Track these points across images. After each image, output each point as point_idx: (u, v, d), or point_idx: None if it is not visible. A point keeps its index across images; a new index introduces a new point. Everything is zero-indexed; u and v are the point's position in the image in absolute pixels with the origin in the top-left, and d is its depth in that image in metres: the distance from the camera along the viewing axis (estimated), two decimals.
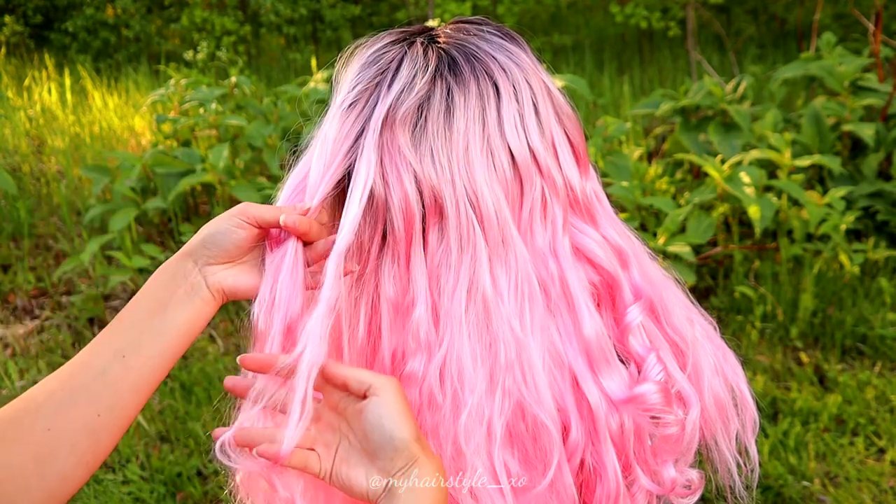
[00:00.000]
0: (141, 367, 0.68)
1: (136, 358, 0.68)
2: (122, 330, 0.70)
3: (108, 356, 0.68)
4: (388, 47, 0.76)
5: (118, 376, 0.67)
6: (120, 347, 0.69)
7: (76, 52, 8.27)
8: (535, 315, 0.73)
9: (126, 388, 0.68)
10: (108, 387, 0.67)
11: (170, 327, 0.70)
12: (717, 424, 0.83)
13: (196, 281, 0.72)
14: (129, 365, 0.68)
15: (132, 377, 0.68)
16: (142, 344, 0.69)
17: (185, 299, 0.71)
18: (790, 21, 7.82)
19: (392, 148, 0.71)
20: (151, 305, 0.71)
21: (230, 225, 0.72)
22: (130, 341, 0.69)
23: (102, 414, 0.66)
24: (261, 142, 3.84)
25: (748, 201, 3.02)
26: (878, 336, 2.92)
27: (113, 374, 0.67)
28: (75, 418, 0.65)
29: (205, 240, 0.73)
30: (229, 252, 0.73)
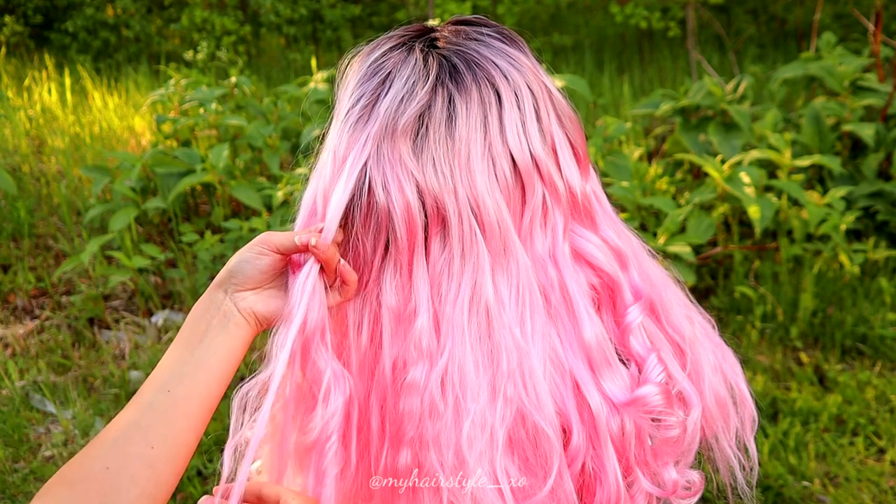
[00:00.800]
0: (187, 396, 0.71)
1: (180, 388, 0.71)
2: (166, 366, 0.73)
3: (155, 391, 0.71)
4: (387, 55, 0.76)
5: (166, 407, 0.70)
6: (164, 382, 0.72)
7: (76, 52, 8.26)
8: (536, 322, 0.73)
9: (176, 417, 0.70)
10: (157, 417, 0.70)
11: (208, 354, 0.73)
12: (718, 423, 0.83)
13: (228, 308, 0.75)
14: (174, 395, 0.71)
15: (180, 406, 0.71)
16: (184, 374, 0.72)
17: (219, 328, 0.74)
18: (790, 21, 7.82)
19: (393, 157, 0.71)
20: (189, 340, 0.74)
21: (253, 254, 0.76)
22: (173, 374, 0.72)
23: (156, 445, 0.69)
24: (261, 142, 3.84)
25: (748, 201, 3.02)
26: (878, 336, 2.92)
27: (160, 406, 0.70)
28: (130, 453, 0.68)
29: (231, 270, 0.76)
30: (255, 279, 0.75)
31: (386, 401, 0.73)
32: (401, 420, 0.72)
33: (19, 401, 2.76)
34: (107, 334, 3.21)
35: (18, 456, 2.54)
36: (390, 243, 0.72)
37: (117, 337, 3.18)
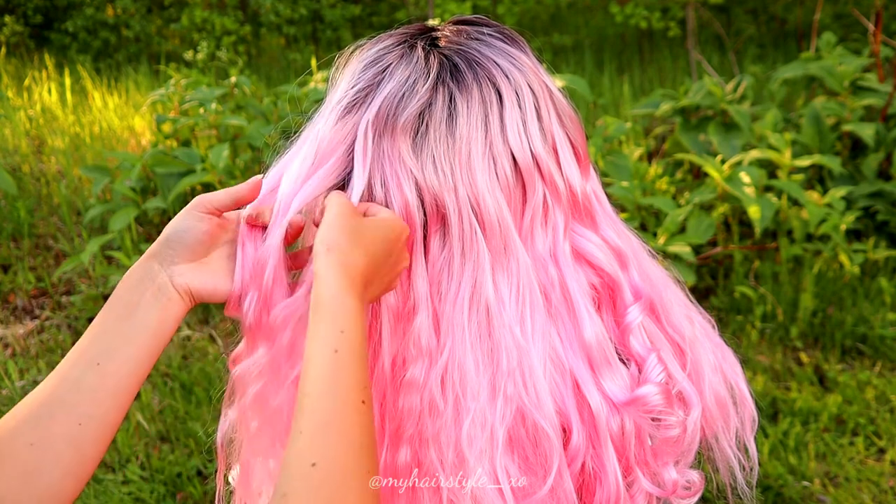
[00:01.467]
0: (117, 373, 0.68)
1: (110, 364, 0.68)
2: (94, 338, 0.69)
3: (83, 365, 0.67)
4: (388, 50, 0.75)
5: (94, 384, 0.67)
6: (93, 356, 0.68)
7: (76, 52, 8.27)
8: (537, 321, 0.73)
9: (104, 395, 0.67)
10: (85, 395, 0.66)
11: (140, 330, 0.70)
12: (718, 423, 0.83)
13: (162, 282, 0.71)
14: (104, 371, 0.67)
15: (109, 383, 0.67)
16: (114, 349, 0.68)
17: (152, 301, 0.71)
18: (790, 21, 7.82)
19: (392, 155, 0.71)
20: (120, 311, 0.70)
21: (190, 220, 0.72)
22: (103, 348, 0.68)
23: (83, 423, 0.65)
24: (261, 142, 3.84)
25: (748, 201, 3.02)
26: (878, 336, 2.92)
27: (88, 383, 0.67)
28: (55, 431, 0.64)
29: (168, 239, 0.72)
30: (193, 249, 0.72)
31: (385, 398, 0.73)
32: (400, 418, 0.72)
33: (19, 401, 2.76)
34: None
35: None
36: None
37: None
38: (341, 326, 0.62)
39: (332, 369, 0.60)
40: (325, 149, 0.73)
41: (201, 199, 0.74)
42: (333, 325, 0.62)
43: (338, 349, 0.61)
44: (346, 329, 0.62)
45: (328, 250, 0.65)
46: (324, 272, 0.64)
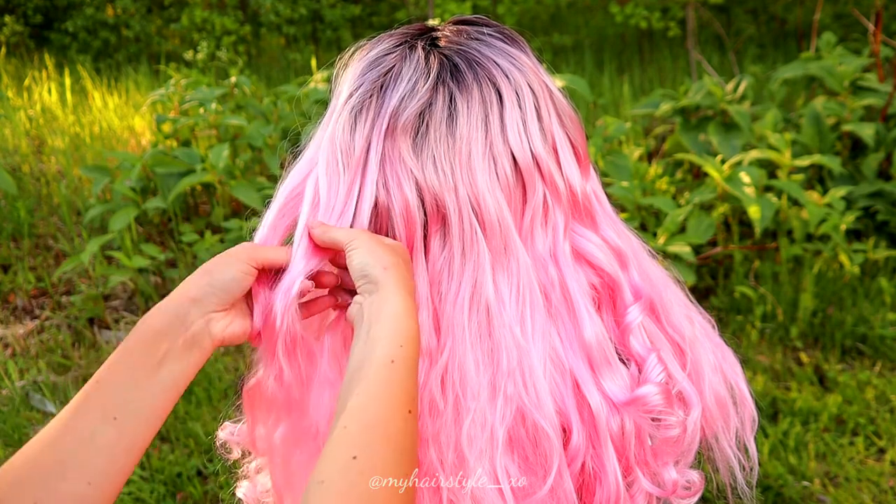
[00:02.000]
0: (135, 428, 0.63)
1: (129, 419, 0.63)
2: (112, 388, 0.64)
3: (97, 419, 0.62)
4: (389, 51, 0.75)
5: (110, 440, 0.62)
6: (110, 409, 0.63)
7: (76, 52, 8.27)
8: (537, 321, 0.73)
9: (119, 451, 0.62)
10: (100, 452, 0.61)
11: (167, 384, 0.65)
12: (718, 423, 0.83)
13: (198, 330, 0.68)
14: (121, 427, 0.62)
15: (126, 440, 0.62)
16: (135, 403, 0.64)
17: (184, 352, 0.67)
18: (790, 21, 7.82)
19: (393, 155, 0.71)
20: (144, 360, 0.65)
21: (239, 272, 0.70)
22: (122, 401, 0.63)
23: (93, 482, 0.61)
24: (261, 142, 3.84)
25: (748, 201, 3.02)
26: (878, 336, 2.92)
27: (104, 439, 0.62)
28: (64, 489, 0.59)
29: (214, 286, 0.69)
30: (234, 298, 0.70)
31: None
32: None
33: (19, 401, 2.76)
34: (107, 334, 3.21)
35: None
36: None
37: (117, 337, 3.18)
38: (401, 341, 0.64)
39: (386, 377, 0.62)
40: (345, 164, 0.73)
41: (254, 254, 0.71)
42: (394, 338, 0.64)
43: (395, 360, 0.63)
44: (404, 344, 0.64)
45: (385, 269, 0.67)
46: (388, 289, 0.66)
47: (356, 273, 0.68)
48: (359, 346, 0.65)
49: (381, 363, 0.63)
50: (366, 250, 0.68)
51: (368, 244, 0.69)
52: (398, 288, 0.67)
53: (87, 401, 0.63)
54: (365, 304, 0.67)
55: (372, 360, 0.63)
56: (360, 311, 0.67)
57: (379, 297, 0.66)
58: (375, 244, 0.69)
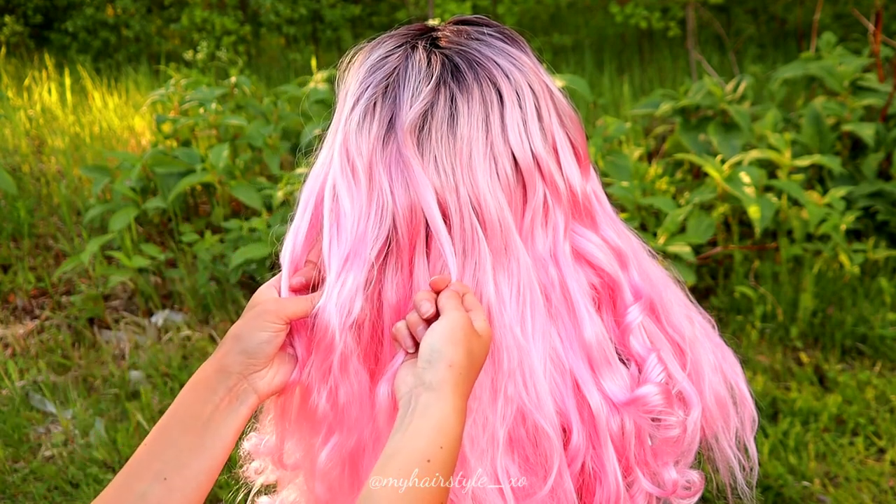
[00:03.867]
0: (184, 487, 0.66)
1: (177, 479, 0.65)
2: (160, 450, 0.66)
3: (149, 479, 0.65)
4: (390, 52, 0.75)
5: (160, 498, 0.64)
6: (160, 469, 0.65)
7: (76, 52, 8.26)
8: (537, 321, 0.73)
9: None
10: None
11: (214, 442, 0.68)
12: (718, 423, 0.83)
13: (243, 390, 0.70)
14: (171, 486, 0.65)
15: (176, 498, 0.65)
16: (184, 463, 0.66)
17: (229, 411, 0.69)
18: (790, 21, 7.82)
19: (398, 156, 0.71)
20: (190, 421, 0.68)
21: (269, 333, 0.71)
22: (170, 461, 0.66)
23: None
24: (261, 142, 3.84)
25: (748, 201, 3.02)
26: (878, 336, 2.92)
27: (154, 497, 0.64)
28: None
29: (247, 351, 0.70)
30: (271, 356, 0.72)
31: None
32: None
33: (19, 401, 2.76)
34: (107, 334, 3.21)
35: (18, 456, 2.54)
36: (391, 240, 0.72)
37: (117, 337, 3.18)
38: (441, 443, 0.63)
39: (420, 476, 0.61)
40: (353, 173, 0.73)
41: (280, 311, 0.72)
42: (436, 439, 0.63)
43: (431, 460, 0.62)
44: (445, 446, 0.63)
45: (449, 367, 0.65)
46: (445, 390, 0.65)
47: (422, 350, 0.67)
48: (398, 435, 0.64)
49: (417, 459, 0.62)
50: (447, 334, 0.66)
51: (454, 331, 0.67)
52: (454, 392, 0.65)
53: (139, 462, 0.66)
54: (415, 392, 0.66)
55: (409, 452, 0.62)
56: (409, 397, 0.66)
57: (431, 395, 0.65)
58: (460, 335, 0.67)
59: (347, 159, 0.73)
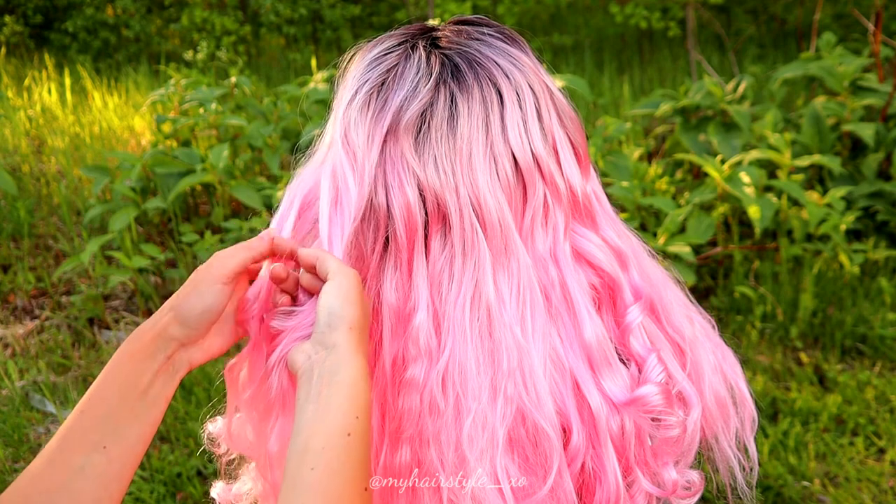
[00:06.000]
0: (123, 455, 0.65)
1: (116, 448, 0.65)
2: (98, 419, 0.65)
3: (87, 449, 0.64)
4: (390, 50, 0.76)
5: (101, 469, 0.63)
6: (99, 439, 0.64)
7: (76, 52, 8.26)
8: (537, 321, 0.73)
9: (110, 478, 0.64)
10: (91, 482, 0.63)
11: (151, 409, 0.67)
12: (718, 423, 0.83)
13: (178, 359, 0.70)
14: (110, 455, 0.64)
15: (115, 467, 0.64)
16: (122, 431, 0.65)
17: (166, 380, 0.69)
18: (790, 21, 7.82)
19: (395, 154, 0.71)
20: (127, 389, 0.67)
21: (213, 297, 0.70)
22: (109, 430, 0.65)
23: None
24: (261, 142, 3.84)
25: (748, 201, 3.02)
26: (878, 336, 2.92)
27: (94, 469, 0.63)
28: None
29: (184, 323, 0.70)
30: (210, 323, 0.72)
31: (385, 398, 0.73)
32: (400, 417, 0.72)
33: (19, 401, 2.76)
34: (107, 334, 3.21)
35: (18, 456, 2.54)
36: (390, 240, 0.73)
37: (117, 337, 3.18)
38: (357, 412, 0.62)
39: (344, 452, 0.60)
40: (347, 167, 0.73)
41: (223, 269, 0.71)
42: (351, 409, 0.62)
43: (351, 433, 0.61)
44: (361, 415, 0.62)
45: (350, 328, 0.65)
46: (348, 352, 0.64)
47: (320, 315, 0.66)
48: (307, 411, 0.62)
49: (337, 436, 0.60)
50: (343, 296, 0.66)
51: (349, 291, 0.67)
52: (357, 353, 0.64)
53: (73, 433, 0.64)
54: (316, 358, 0.65)
55: (328, 433, 0.60)
56: (310, 365, 0.65)
57: (336, 358, 0.63)
58: (355, 294, 0.67)
59: (345, 155, 0.73)
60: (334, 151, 0.75)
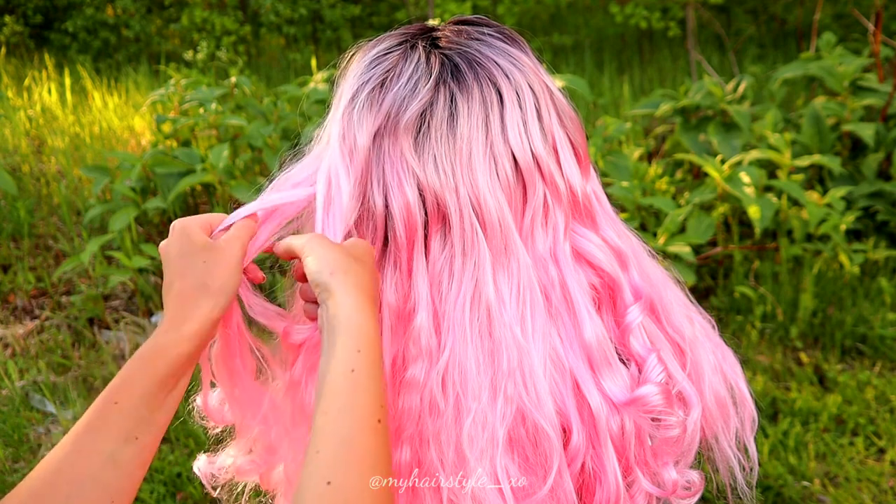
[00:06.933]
0: (152, 444, 0.66)
1: (147, 436, 0.65)
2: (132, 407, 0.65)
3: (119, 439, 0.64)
4: (390, 49, 0.76)
5: (130, 459, 0.64)
6: (131, 428, 0.64)
7: (76, 52, 8.26)
8: (537, 321, 0.73)
9: (135, 467, 0.64)
10: (120, 470, 0.63)
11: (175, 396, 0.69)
12: (718, 423, 0.83)
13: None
14: (142, 445, 0.65)
15: (144, 455, 0.65)
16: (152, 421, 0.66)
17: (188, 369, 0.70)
18: (790, 21, 7.82)
19: (394, 154, 0.71)
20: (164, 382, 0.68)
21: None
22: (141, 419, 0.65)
23: (115, 499, 0.62)
24: (261, 142, 3.84)
25: (748, 201, 3.02)
26: (878, 336, 2.92)
27: (124, 458, 0.64)
28: None
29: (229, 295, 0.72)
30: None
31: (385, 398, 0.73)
32: (400, 417, 0.72)
33: (19, 401, 2.76)
34: (107, 334, 3.21)
35: (18, 456, 2.54)
36: (389, 240, 0.73)
37: (117, 337, 3.18)
38: (358, 346, 0.63)
39: (350, 389, 0.61)
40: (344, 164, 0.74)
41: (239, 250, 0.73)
42: (351, 344, 0.62)
43: (354, 369, 0.61)
44: (362, 348, 0.63)
45: (332, 273, 0.65)
46: (339, 293, 0.65)
47: (311, 283, 0.67)
48: (321, 361, 0.64)
49: (341, 374, 0.61)
50: (316, 256, 0.67)
51: (319, 249, 0.68)
52: (348, 290, 0.65)
53: (106, 421, 0.64)
54: (321, 314, 0.66)
55: (332, 373, 0.61)
56: (321, 321, 0.66)
57: (332, 303, 0.65)
58: (326, 249, 0.68)
59: (342, 154, 0.73)
60: (332, 150, 0.75)
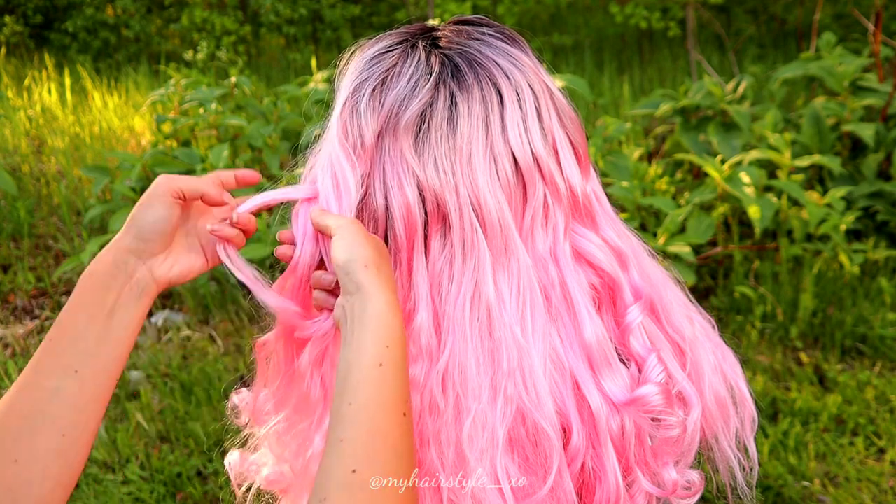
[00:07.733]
0: (96, 377, 0.66)
1: (88, 369, 0.66)
2: (68, 343, 0.66)
3: (59, 374, 0.65)
4: (390, 48, 0.76)
5: (75, 391, 0.65)
6: (70, 363, 0.66)
7: (76, 52, 8.26)
8: (537, 321, 0.73)
9: (85, 401, 0.65)
10: (67, 404, 0.64)
11: (120, 331, 0.69)
12: (718, 423, 0.83)
13: (141, 276, 0.71)
14: (83, 377, 0.66)
15: (89, 388, 0.66)
16: (93, 354, 0.67)
17: (131, 299, 0.70)
18: (790, 21, 7.82)
19: (394, 154, 0.71)
20: (94, 311, 0.68)
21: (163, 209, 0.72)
22: (80, 354, 0.66)
23: (67, 433, 0.64)
24: (261, 142, 3.84)
25: (748, 201, 3.02)
26: (878, 336, 2.92)
27: (68, 391, 0.65)
28: (40, 445, 0.63)
29: (143, 230, 0.72)
30: (167, 238, 0.73)
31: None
32: None
33: None
34: None
35: None
36: (389, 240, 0.73)
37: None
38: (386, 342, 0.64)
39: (377, 383, 0.62)
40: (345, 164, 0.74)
41: (171, 185, 0.73)
42: (380, 340, 0.64)
43: (383, 363, 0.63)
44: (391, 344, 0.64)
45: (366, 267, 0.66)
46: (372, 288, 0.65)
47: (338, 268, 0.68)
48: (345, 351, 0.64)
49: (369, 368, 0.62)
50: (349, 243, 0.68)
51: (354, 236, 0.68)
52: (380, 287, 0.66)
53: (45, 358, 0.66)
54: (347, 305, 0.67)
55: (360, 366, 0.62)
56: (344, 312, 0.67)
57: (361, 297, 0.65)
58: (362, 239, 0.68)
59: (343, 154, 0.73)
60: (332, 150, 0.75)
